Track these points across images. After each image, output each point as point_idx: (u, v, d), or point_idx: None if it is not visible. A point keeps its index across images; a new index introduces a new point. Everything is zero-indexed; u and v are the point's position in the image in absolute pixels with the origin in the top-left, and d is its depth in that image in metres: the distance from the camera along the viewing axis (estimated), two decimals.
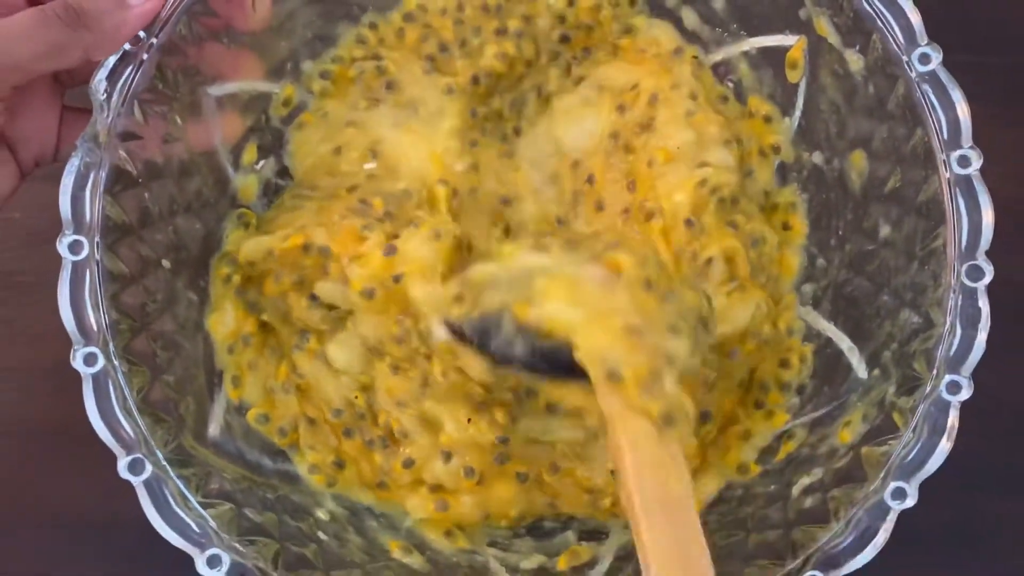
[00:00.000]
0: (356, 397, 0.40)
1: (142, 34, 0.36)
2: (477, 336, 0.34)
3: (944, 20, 0.48)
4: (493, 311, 0.33)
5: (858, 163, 0.40)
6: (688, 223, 0.40)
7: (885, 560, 0.45)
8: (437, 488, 0.39)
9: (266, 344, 0.41)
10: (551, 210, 0.43)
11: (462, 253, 0.39)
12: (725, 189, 0.40)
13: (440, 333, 0.35)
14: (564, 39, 0.44)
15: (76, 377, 0.45)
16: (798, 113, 0.42)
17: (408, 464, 0.39)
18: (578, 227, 0.43)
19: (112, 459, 0.41)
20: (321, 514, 0.38)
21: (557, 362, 0.32)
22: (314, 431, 0.40)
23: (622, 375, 0.31)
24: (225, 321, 0.40)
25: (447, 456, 0.38)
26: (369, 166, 0.41)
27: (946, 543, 0.45)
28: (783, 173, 0.43)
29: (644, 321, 0.31)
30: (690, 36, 0.44)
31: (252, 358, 0.40)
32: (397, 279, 0.37)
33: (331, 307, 0.39)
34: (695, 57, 0.43)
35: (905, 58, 0.36)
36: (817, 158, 0.42)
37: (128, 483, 0.39)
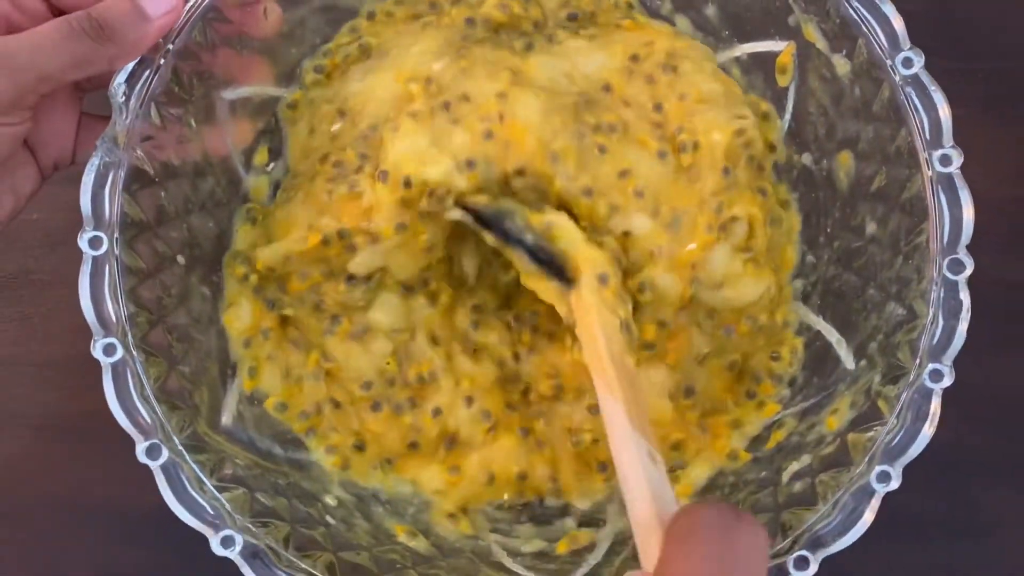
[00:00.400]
0: (388, 363, 0.41)
1: (159, 40, 0.37)
2: (492, 218, 0.40)
3: (930, 29, 0.50)
4: (507, 207, 0.40)
5: (845, 163, 0.41)
6: (725, 171, 0.40)
7: (881, 548, 0.46)
8: (453, 443, 0.41)
9: (286, 337, 0.42)
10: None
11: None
12: (756, 148, 0.41)
13: (455, 214, 0.39)
14: (572, 17, 0.45)
15: (90, 371, 0.47)
16: (788, 116, 0.43)
17: (436, 413, 0.41)
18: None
19: (124, 449, 0.42)
20: (329, 500, 0.39)
21: (550, 263, 0.39)
22: (339, 413, 0.42)
23: (609, 281, 0.38)
24: (241, 316, 0.41)
25: (469, 401, 0.41)
26: (336, 127, 0.42)
27: (939, 531, 0.47)
28: (776, 173, 0.44)
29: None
30: None
31: (272, 350, 0.42)
32: (408, 184, 0.39)
33: (367, 277, 0.41)
34: None
35: (889, 62, 0.37)
36: (807, 159, 0.43)
37: (139, 471, 0.41)
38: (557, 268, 0.39)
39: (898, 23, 0.37)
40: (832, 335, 0.41)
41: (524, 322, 0.43)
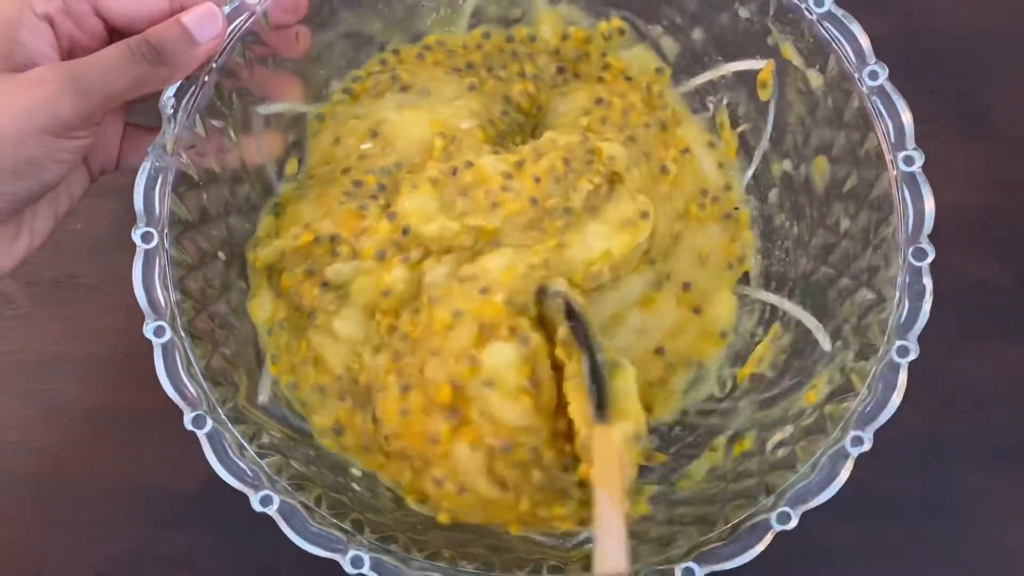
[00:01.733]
0: (353, 362, 0.44)
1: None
2: (577, 315, 0.41)
3: (900, 52, 0.54)
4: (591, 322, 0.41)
5: (821, 167, 0.45)
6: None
7: (860, 525, 0.50)
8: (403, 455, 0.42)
9: (296, 326, 0.46)
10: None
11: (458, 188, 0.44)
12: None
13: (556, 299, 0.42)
14: (560, 71, 0.51)
15: (130, 367, 0.51)
16: (769, 127, 0.47)
17: (375, 421, 0.42)
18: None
19: (162, 437, 0.46)
20: (354, 471, 0.43)
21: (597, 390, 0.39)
22: (322, 398, 0.44)
23: (641, 443, 0.39)
24: (263, 307, 0.45)
25: (404, 412, 0.41)
26: (365, 146, 0.46)
27: (914, 509, 0.50)
28: (762, 180, 0.49)
29: None
30: (674, 63, 0.50)
31: (287, 340, 0.45)
32: (406, 232, 0.43)
33: (338, 288, 0.44)
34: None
35: (857, 75, 0.41)
36: (787, 165, 0.47)
37: (176, 458, 0.44)
38: (599, 398, 0.39)
39: (864, 40, 0.41)
40: (811, 323, 0.44)
41: None
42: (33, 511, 0.50)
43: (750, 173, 0.49)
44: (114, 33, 0.41)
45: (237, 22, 0.42)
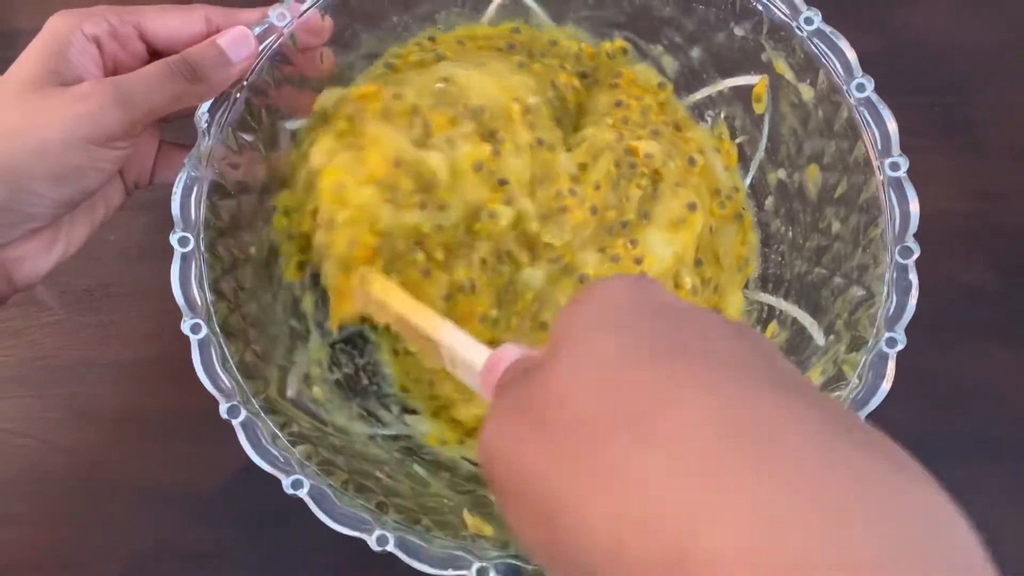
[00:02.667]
0: None
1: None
2: None
3: (888, 67, 0.58)
4: None
5: (814, 175, 0.47)
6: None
7: None
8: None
9: None
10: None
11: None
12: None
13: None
14: (583, 75, 0.53)
15: (160, 372, 0.54)
16: (764, 138, 0.50)
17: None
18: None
19: (191, 439, 0.49)
20: (380, 457, 0.45)
21: None
22: None
23: None
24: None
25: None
26: (440, 85, 0.46)
27: None
28: (759, 188, 0.51)
29: None
30: (674, 80, 0.52)
31: None
32: (503, 183, 0.45)
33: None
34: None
35: (845, 87, 0.43)
36: (781, 174, 0.49)
37: (204, 459, 0.47)
38: None
39: (851, 55, 0.44)
40: (806, 320, 0.47)
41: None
42: (62, 509, 0.52)
43: (747, 182, 0.52)
44: (155, 55, 0.44)
45: (267, 43, 0.44)
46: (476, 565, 0.38)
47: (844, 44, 0.45)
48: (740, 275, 0.51)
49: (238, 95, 0.44)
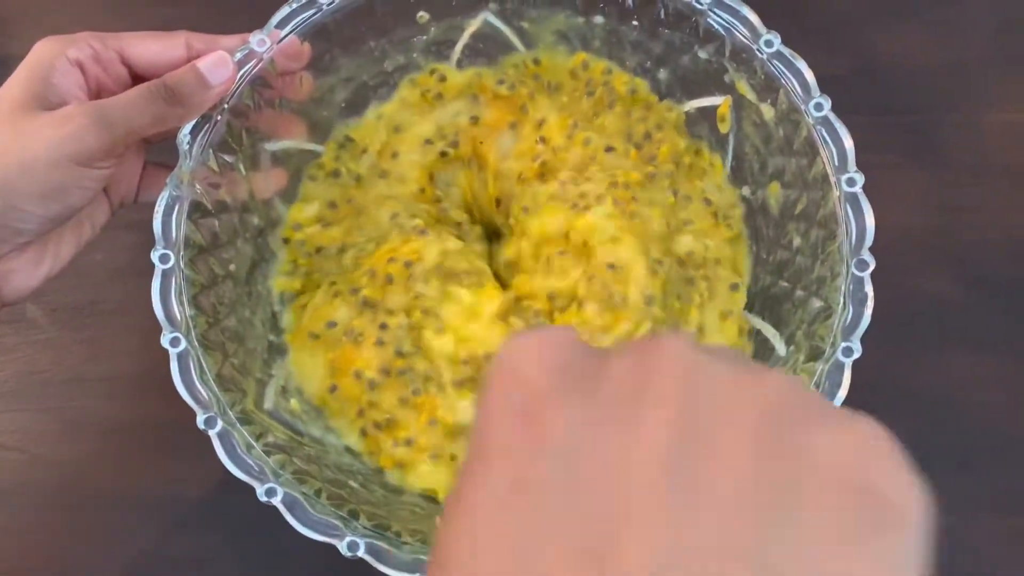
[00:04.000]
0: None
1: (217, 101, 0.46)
2: None
3: (855, 89, 0.59)
4: None
5: (775, 192, 0.49)
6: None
7: None
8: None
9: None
10: None
11: None
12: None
13: None
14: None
15: (148, 384, 0.55)
16: (729, 157, 0.51)
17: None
18: None
19: (176, 450, 0.50)
20: (354, 466, 0.47)
21: None
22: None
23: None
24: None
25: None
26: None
27: None
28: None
29: None
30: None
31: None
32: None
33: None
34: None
35: (804, 107, 0.45)
36: (746, 191, 0.51)
37: (189, 470, 0.48)
38: None
39: (809, 75, 0.46)
40: (770, 332, 0.48)
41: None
42: (56, 519, 0.54)
43: None
44: (137, 79, 0.46)
45: (247, 68, 0.46)
46: None
47: (802, 64, 0.46)
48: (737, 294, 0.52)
49: (219, 117, 0.46)
